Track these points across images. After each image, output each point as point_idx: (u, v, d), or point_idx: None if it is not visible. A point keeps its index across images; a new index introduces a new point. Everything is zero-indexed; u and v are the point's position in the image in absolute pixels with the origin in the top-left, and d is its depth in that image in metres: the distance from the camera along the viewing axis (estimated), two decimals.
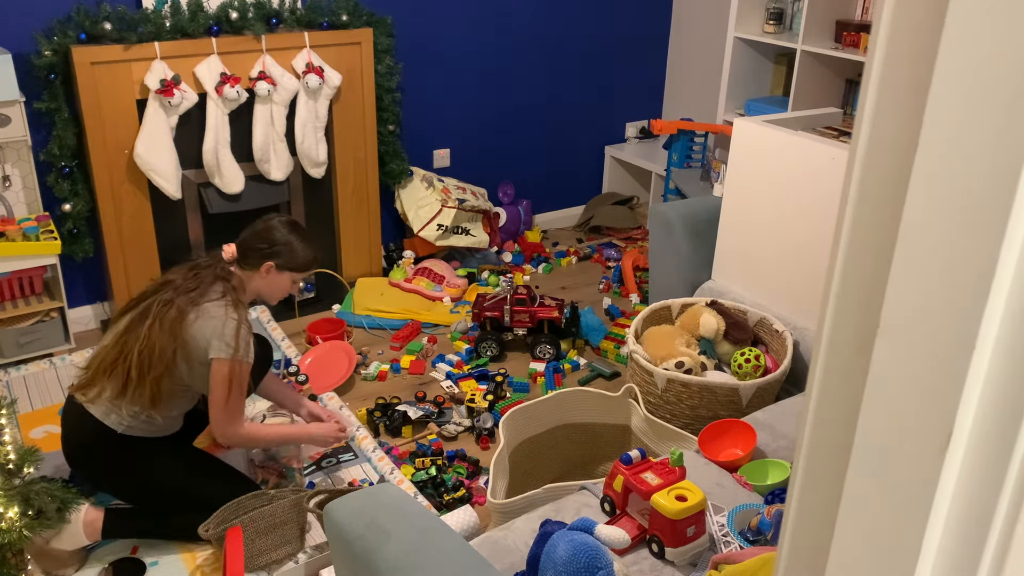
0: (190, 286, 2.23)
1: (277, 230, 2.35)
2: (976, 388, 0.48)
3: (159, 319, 2.18)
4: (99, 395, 2.22)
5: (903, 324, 0.48)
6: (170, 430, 2.34)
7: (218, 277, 2.27)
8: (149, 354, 2.16)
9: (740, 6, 3.89)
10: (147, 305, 2.23)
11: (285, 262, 2.34)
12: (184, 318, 2.18)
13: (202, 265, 2.31)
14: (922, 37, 0.44)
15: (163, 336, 2.16)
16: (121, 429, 2.22)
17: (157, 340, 2.16)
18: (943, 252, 0.46)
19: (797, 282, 2.70)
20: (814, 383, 0.54)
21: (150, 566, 2.26)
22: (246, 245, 2.35)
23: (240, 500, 2.25)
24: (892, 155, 0.47)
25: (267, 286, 2.36)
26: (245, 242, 2.36)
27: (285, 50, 3.40)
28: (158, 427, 2.28)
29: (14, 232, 3.08)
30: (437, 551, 1.42)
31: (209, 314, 2.19)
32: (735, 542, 1.78)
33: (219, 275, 2.27)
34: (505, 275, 3.57)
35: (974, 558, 0.51)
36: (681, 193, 4.09)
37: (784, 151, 2.64)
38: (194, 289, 2.22)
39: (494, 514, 2.05)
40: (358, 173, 3.76)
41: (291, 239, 2.35)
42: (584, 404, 2.42)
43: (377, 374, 3.20)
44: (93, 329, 3.54)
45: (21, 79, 3.03)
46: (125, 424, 2.22)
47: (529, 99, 4.38)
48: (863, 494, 0.52)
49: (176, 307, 2.18)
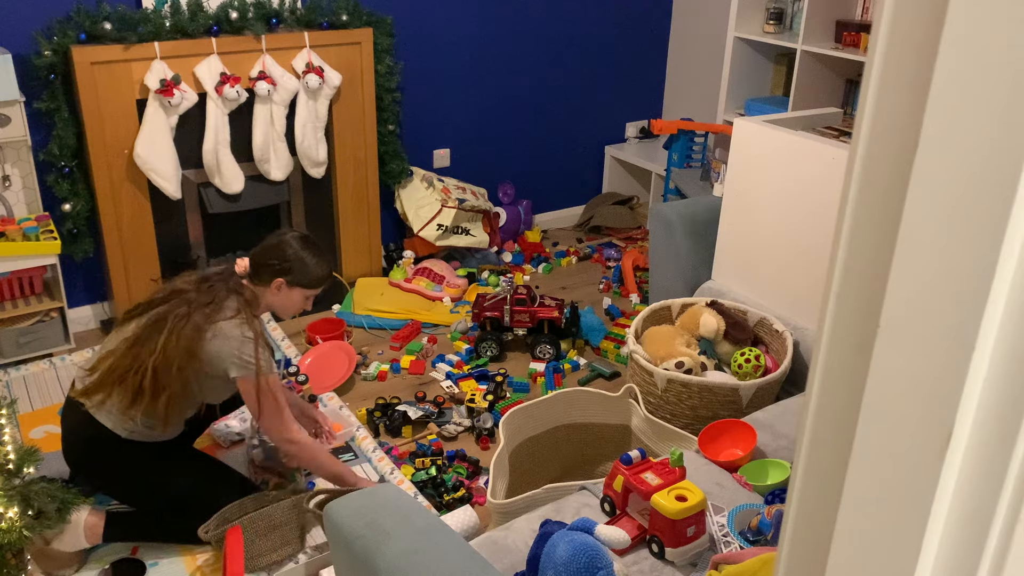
0: (204, 300, 2.20)
1: (289, 246, 2.31)
2: (976, 388, 0.48)
3: (175, 334, 2.15)
4: (104, 402, 2.20)
5: (903, 324, 0.48)
6: (172, 435, 2.34)
7: (232, 291, 2.24)
8: (165, 370, 2.15)
9: (740, 6, 3.89)
10: (159, 315, 2.20)
11: (297, 279, 2.30)
12: (201, 336, 2.15)
13: (215, 278, 2.27)
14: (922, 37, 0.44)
15: (180, 353, 2.14)
16: (125, 435, 2.22)
17: (174, 356, 2.14)
18: (943, 252, 0.46)
19: (797, 282, 2.70)
20: (814, 383, 0.54)
21: (150, 567, 2.26)
22: (258, 260, 2.32)
23: (240, 501, 2.25)
24: (892, 155, 0.47)
25: (279, 302, 2.33)
26: (257, 257, 2.32)
27: (285, 50, 3.40)
28: (158, 432, 2.28)
29: (14, 232, 3.08)
30: (437, 551, 1.42)
31: (225, 334, 2.16)
32: (735, 542, 1.78)
33: (233, 289, 2.24)
34: (505, 275, 3.57)
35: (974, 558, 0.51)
36: (681, 193, 4.09)
37: (784, 151, 2.64)
38: (208, 303, 2.19)
39: (494, 514, 2.05)
40: (358, 173, 3.76)
41: (303, 255, 2.31)
42: (584, 404, 2.42)
43: (377, 374, 3.20)
44: (93, 329, 3.54)
45: (21, 79, 3.03)
46: (128, 430, 2.22)
47: (529, 99, 4.38)
48: (863, 494, 0.52)
49: (192, 323, 2.16)
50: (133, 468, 2.27)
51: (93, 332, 3.52)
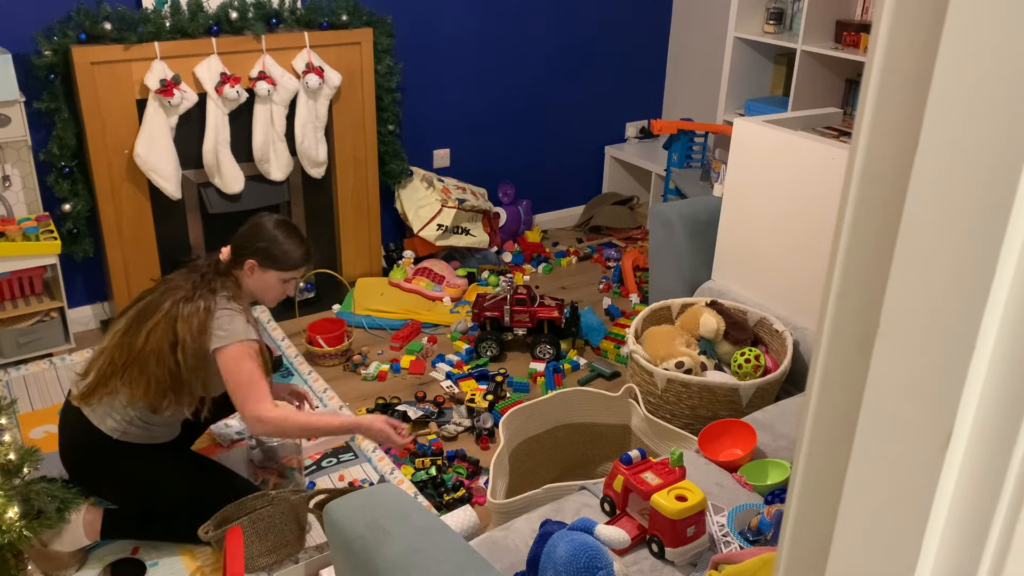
0: (187, 286, 2.21)
1: (263, 227, 2.30)
2: (976, 388, 0.48)
3: (158, 322, 2.16)
4: (103, 399, 2.20)
5: (903, 324, 0.48)
6: (167, 437, 2.33)
7: (216, 275, 2.25)
8: (151, 355, 2.15)
9: (740, 6, 3.89)
10: (144, 307, 2.22)
11: (267, 260, 2.27)
12: (183, 318, 2.16)
13: (200, 266, 2.29)
14: (922, 37, 0.44)
15: (163, 338, 2.15)
16: (117, 435, 2.21)
17: (158, 342, 2.15)
18: (943, 252, 0.46)
19: (797, 282, 2.70)
20: (814, 383, 0.54)
21: (150, 567, 2.26)
22: (235, 244, 2.33)
23: (240, 501, 2.25)
24: (892, 155, 0.47)
25: (255, 284, 2.30)
26: (235, 241, 2.33)
27: (285, 50, 3.40)
28: (155, 434, 2.28)
29: (14, 232, 3.08)
30: (437, 551, 1.42)
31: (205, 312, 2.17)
32: (735, 542, 1.78)
33: (216, 274, 2.26)
34: (505, 275, 3.57)
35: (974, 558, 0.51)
36: (681, 193, 4.09)
37: (784, 151, 2.64)
38: (193, 289, 2.21)
39: (494, 514, 2.05)
40: (358, 173, 3.76)
41: (275, 235, 2.28)
42: (584, 404, 2.42)
43: (377, 374, 3.20)
44: (93, 329, 3.54)
45: (21, 79, 3.03)
46: (121, 430, 2.21)
47: (529, 99, 4.38)
48: (863, 494, 0.52)
49: (174, 306, 2.17)
50: (130, 472, 2.26)
51: (93, 332, 3.52)
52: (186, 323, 2.16)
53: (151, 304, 2.22)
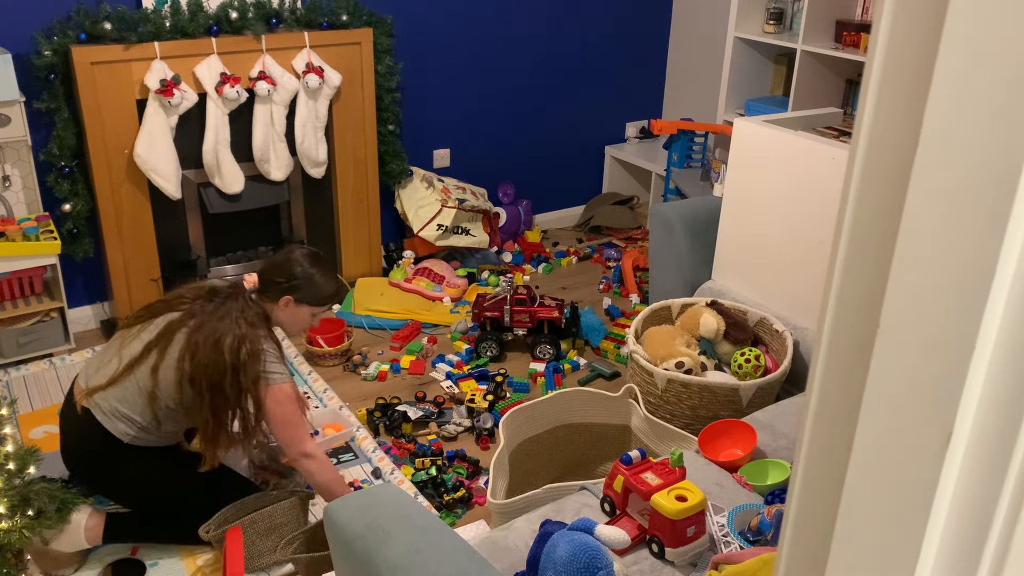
0: (217, 315, 2.18)
1: (299, 263, 2.30)
2: (976, 388, 0.48)
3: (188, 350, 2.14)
4: (112, 407, 2.20)
5: (903, 324, 0.48)
6: (174, 440, 2.35)
7: (244, 307, 2.23)
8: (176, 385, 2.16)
9: (740, 6, 3.89)
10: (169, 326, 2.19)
11: (305, 296, 2.30)
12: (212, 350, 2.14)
13: (224, 293, 2.26)
14: (922, 37, 0.44)
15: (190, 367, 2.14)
16: (127, 439, 2.21)
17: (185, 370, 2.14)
18: (943, 252, 0.46)
19: (797, 282, 2.70)
20: (814, 383, 0.54)
21: (150, 567, 2.26)
22: (266, 277, 2.31)
23: (240, 501, 2.25)
24: (892, 155, 0.47)
25: (286, 319, 2.33)
26: (265, 273, 2.32)
27: (285, 50, 3.40)
28: (163, 438, 2.29)
29: (14, 232, 3.08)
30: (437, 551, 1.42)
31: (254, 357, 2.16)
32: (735, 542, 1.78)
33: (244, 305, 2.23)
34: (505, 275, 3.57)
35: (974, 558, 0.51)
36: (681, 193, 4.09)
37: (784, 151, 2.64)
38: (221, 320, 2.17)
39: (494, 514, 2.05)
40: (358, 173, 3.76)
41: (311, 273, 2.30)
42: (584, 404, 2.42)
43: (377, 374, 3.20)
44: (93, 329, 3.54)
45: (21, 79, 3.03)
46: (131, 435, 2.21)
47: (529, 99, 4.38)
48: (863, 494, 0.52)
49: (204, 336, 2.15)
50: (133, 472, 2.26)
51: (93, 332, 3.52)
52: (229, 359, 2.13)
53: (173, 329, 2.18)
